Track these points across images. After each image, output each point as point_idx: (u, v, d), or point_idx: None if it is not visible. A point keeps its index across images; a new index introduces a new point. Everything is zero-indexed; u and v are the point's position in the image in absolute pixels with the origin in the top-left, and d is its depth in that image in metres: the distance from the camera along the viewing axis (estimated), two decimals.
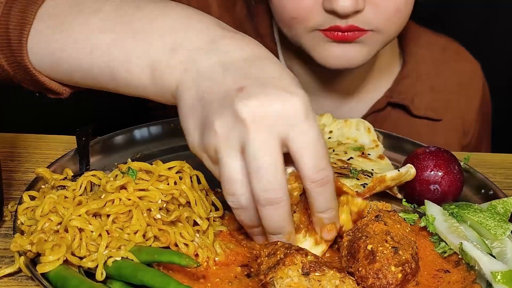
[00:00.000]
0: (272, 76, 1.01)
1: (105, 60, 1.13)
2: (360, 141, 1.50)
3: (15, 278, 1.11)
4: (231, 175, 1.02)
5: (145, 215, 1.12)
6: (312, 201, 1.07)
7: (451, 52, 1.90)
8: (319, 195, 1.05)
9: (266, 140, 0.98)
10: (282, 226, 1.06)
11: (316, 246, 1.15)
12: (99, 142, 1.44)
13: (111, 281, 1.07)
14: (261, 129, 0.97)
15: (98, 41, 1.14)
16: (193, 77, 1.04)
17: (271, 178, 0.99)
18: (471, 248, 1.14)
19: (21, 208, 1.16)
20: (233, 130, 0.99)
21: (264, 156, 0.98)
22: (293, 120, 0.98)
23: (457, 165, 1.32)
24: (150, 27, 1.10)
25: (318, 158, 1.01)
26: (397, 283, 1.07)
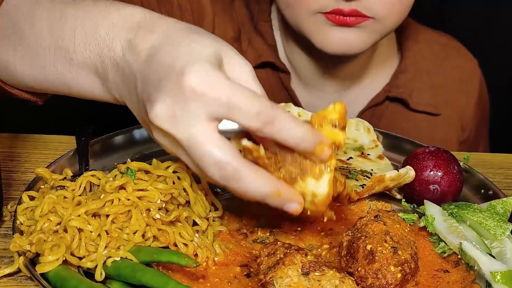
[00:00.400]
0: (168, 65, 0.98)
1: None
2: (359, 141, 1.50)
3: (14, 278, 1.11)
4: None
5: (144, 215, 1.12)
6: (282, 142, 0.98)
7: (450, 49, 1.91)
8: (279, 134, 0.97)
9: (195, 132, 0.96)
10: (258, 193, 0.98)
11: (320, 180, 1.01)
12: (98, 142, 1.44)
13: (110, 281, 1.07)
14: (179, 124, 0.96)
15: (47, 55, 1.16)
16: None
17: (215, 161, 0.96)
18: (471, 248, 1.14)
19: (20, 208, 1.16)
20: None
21: (203, 146, 0.96)
22: (202, 92, 0.94)
23: (456, 165, 1.32)
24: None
25: (245, 107, 0.95)
26: (397, 283, 1.07)
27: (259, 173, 0.99)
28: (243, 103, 0.94)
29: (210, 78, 0.95)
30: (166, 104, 0.96)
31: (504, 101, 2.19)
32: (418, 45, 1.86)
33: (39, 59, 1.18)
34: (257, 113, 0.95)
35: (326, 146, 1.00)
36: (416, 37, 1.87)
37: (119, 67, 1.07)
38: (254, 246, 1.19)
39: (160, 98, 0.96)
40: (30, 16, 1.19)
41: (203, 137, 0.96)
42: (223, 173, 0.96)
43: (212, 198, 1.22)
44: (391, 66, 1.85)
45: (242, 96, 0.95)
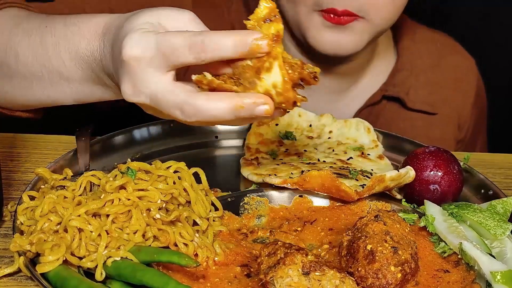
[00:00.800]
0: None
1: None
2: (359, 141, 1.50)
3: (14, 278, 1.11)
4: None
5: (144, 215, 1.12)
6: (222, 59, 1.02)
7: (447, 47, 1.91)
8: (214, 54, 1.01)
9: (151, 91, 1.06)
10: (221, 113, 1.03)
11: (272, 70, 1.02)
12: (99, 142, 1.44)
13: (110, 281, 1.07)
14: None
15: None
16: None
17: (174, 105, 1.05)
18: (471, 248, 1.14)
19: (20, 208, 1.16)
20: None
21: (161, 98, 1.05)
22: (139, 56, 1.04)
23: (456, 165, 1.32)
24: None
25: (175, 47, 1.02)
26: (397, 283, 1.07)
27: (212, 97, 1.03)
28: (172, 45, 1.02)
29: (141, 41, 1.04)
30: (125, 81, 1.07)
31: (504, 101, 2.19)
32: (414, 43, 1.87)
33: (37, 85, 1.30)
34: (187, 46, 1.01)
35: (260, 40, 1.01)
36: (413, 36, 1.87)
37: (105, 68, 1.18)
38: (254, 246, 1.19)
39: (120, 79, 1.08)
40: (10, 47, 1.30)
41: (159, 91, 1.05)
42: (186, 113, 1.04)
43: (212, 198, 1.22)
44: (388, 65, 1.85)
45: (170, 40, 1.02)
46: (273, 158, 1.44)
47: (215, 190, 1.31)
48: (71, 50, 1.23)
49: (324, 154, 1.46)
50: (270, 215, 1.29)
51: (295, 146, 1.49)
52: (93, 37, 1.20)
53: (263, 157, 1.45)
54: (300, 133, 1.53)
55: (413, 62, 1.85)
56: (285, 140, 1.51)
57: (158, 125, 1.53)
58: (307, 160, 1.43)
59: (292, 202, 1.31)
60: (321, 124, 1.54)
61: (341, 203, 1.30)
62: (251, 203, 1.29)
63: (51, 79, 1.27)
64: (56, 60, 1.25)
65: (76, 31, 1.23)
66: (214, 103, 1.03)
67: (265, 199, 1.30)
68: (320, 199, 1.31)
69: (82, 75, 1.24)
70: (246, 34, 1.01)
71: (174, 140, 1.52)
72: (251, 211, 1.28)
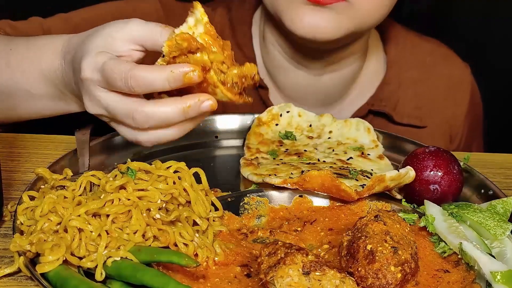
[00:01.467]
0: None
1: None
2: (360, 141, 1.50)
3: (14, 278, 1.11)
4: None
5: (144, 215, 1.12)
6: (157, 91, 1.14)
7: (438, 56, 1.87)
8: (150, 88, 1.11)
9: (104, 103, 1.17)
10: (174, 116, 1.12)
11: (216, 95, 1.12)
12: (99, 142, 1.44)
13: (110, 281, 1.07)
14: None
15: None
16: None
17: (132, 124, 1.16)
18: (471, 248, 1.14)
19: (20, 208, 1.16)
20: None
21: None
22: (90, 78, 1.16)
23: (456, 165, 1.32)
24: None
25: (113, 79, 1.12)
26: (397, 283, 1.07)
27: (160, 103, 1.13)
28: (112, 75, 1.12)
29: (91, 65, 1.15)
30: (85, 97, 1.19)
31: (504, 101, 2.19)
32: (404, 53, 1.82)
33: (7, 102, 1.39)
34: (122, 79, 1.11)
35: (191, 73, 1.09)
36: (402, 45, 1.83)
37: (68, 86, 1.29)
38: (254, 246, 1.19)
39: (82, 95, 1.20)
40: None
41: (109, 104, 1.16)
42: (137, 120, 1.13)
43: (212, 198, 1.22)
44: (377, 77, 1.81)
45: (112, 69, 1.12)
46: (273, 158, 1.44)
47: (215, 190, 1.31)
48: (35, 70, 1.34)
49: (324, 154, 1.46)
50: (270, 215, 1.29)
51: (295, 146, 1.49)
52: (53, 57, 1.31)
53: (263, 157, 1.45)
54: (300, 133, 1.53)
55: (401, 74, 1.81)
56: (285, 140, 1.51)
57: None
58: (307, 160, 1.43)
59: (292, 202, 1.31)
60: (321, 124, 1.54)
61: (341, 203, 1.30)
62: (251, 203, 1.29)
63: (20, 97, 1.37)
64: (22, 80, 1.35)
65: (38, 53, 1.34)
66: (163, 108, 1.12)
67: (265, 199, 1.30)
68: (320, 199, 1.31)
69: (47, 92, 1.34)
70: (177, 68, 1.10)
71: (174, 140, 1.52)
72: (251, 211, 1.28)
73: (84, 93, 1.19)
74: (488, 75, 1.98)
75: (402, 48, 1.82)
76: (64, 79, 1.30)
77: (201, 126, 1.55)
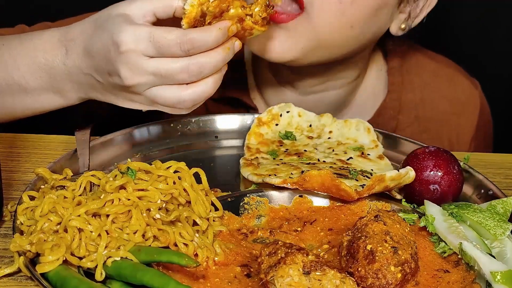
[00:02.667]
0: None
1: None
2: (359, 141, 1.50)
3: (14, 278, 1.11)
4: None
5: (144, 215, 1.12)
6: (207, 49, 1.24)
7: (443, 78, 1.81)
8: (202, 49, 1.22)
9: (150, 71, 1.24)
10: (218, 63, 1.24)
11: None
12: (99, 142, 1.44)
13: (110, 281, 1.07)
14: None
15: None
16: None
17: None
18: (471, 248, 1.14)
19: (20, 208, 1.16)
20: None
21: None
22: (132, 49, 1.22)
23: (456, 165, 1.32)
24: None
25: (168, 45, 1.21)
26: (397, 283, 1.07)
27: (209, 52, 1.24)
28: (167, 41, 1.20)
29: (132, 38, 1.21)
30: (123, 69, 1.23)
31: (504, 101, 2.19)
32: (407, 75, 1.77)
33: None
34: (179, 44, 1.20)
35: (233, 26, 1.25)
36: (408, 67, 1.77)
37: (72, 74, 1.31)
38: (254, 246, 1.19)
39: (117, 68, 1.23)
40: None
41: (161, 67, 1.22)
42: (192, 72, 1.22)
43: (212, 198, 1.22)
44: (377, 100, 1.77)
45: (165, 37, 1.21)
46: (273, 158, 1.44)
47: (215, 190, 1.31)
48: (29, 63, 1.35)
49: (324, 154, 1.46)
50: (270, 215, 1.29)
51: (295, 146, 1.49)
52: (50, 48, 1.33)
53: (263, 157, 1.45)
54: (300, 133, 1.53)
55: (402, 97, 1.76)
56: (285, 140, 1.51)
57: (158, 125, 1.53)
58: (307, 160, 1.43)
59: (292, 202, 1.31)
60: (321, 124, 1.54)
61: (341, 203, 1.30)
62: (251, 203, 1.29)
63: (12, 91, 1.38)
64: (16, 74, 1.36)
65: (32, 45, 1.35)
66: (213, 53, 1.23)
67: (265, 199, 1.30)
68: (320, 199, 1.31)
69: (41, 85, 1.35)
70: (222, 25, 1.23)
71: (174, 140, 1.52)
72: (251, 211, 1.28)
73: (123, 66, 1.23)
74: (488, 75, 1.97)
75: (406, 70, 1.78)
76: (66, 67, 1.31)
77: (201, 126, 1.55)
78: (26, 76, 1.36)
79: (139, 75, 1.23)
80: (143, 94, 1.26)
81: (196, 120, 1.56)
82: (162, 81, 1.24)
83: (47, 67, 1.33)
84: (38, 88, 1.36)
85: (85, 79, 1.31)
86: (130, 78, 1.23)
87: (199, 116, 1.57)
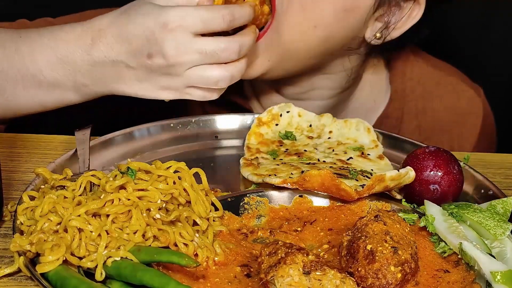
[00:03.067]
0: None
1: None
2: (359, 141, 1.50)
3: (14, 278, 1.11)
4: None
5: (144, 215, 1.12)
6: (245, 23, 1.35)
7: (445, 87, 1.79)
8: (239, 21, 1.33)
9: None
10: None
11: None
12: (99, 142, 1.44)
13: (110, 281, 1.07)
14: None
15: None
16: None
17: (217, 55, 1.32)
18: (471, 248, 1.14)
19: (20, 208, 1.16)
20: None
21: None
22: (181, 25, 1.29)
23: (456, 165, 1.32)
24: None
25: (214, 19, 1.30)
26: (397, 283, 1.07)
27: (243, 32, 1.36)
28: (212, 22, 1.29)
29: (176, 18, 1.28)
30: (169, 47, 1.28)
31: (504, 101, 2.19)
32: (408, 83, 1.75)
33: (9, 91, 1.39)
34: (222, 16, 1.29)
35: (255, 6, 1.39)
36: (410, 76, 1.75)
37: (96, 64, 1.33)
38: (254, 246, 1.19)
39: (163, 48, 1.28)
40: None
41: (207, 45, 1.30)
42: (231, 53, 1.31)
43: (212, 198, 1.22)
44: (376, 108, 1.76)
45: (209, 16, 1.29)
46: (273, 158, 1.44)
47: (215, 190, 1.31)
48: (49, 55, 1.35)
49: (324, 154, 1.46)
50: (270, 215, 1.29)
51: (295, 146, 1.49)
52: (74, 38, 1.34)
53: (263, 157, 1.45)
54: (300, 133, 1.53)
55: (404, 106, 1.75)
56: (285, 140, 1.51)
57: (158, 125, 1.53)
58: (307, 160, 1.43)
59: (292, 202, 1.31)
60: (321, 124, 1.54)
61: (341, 203, 1.30)
62: (251, 203, 1.29)
63: (25, 84, 1.37)
64: (32, 66, 1.36)
65: (53, 37, 1.36)
66: (248, 31, 1.36)
67: (265, 199, 1.30)
68: (320, 199, 1.31)
69: (57, 79, 1.36)
70: (251, 4, 1.35)
71: (174, 140, 1.52)
72: (251, 211, 1.28)
73: (170, 44, 1.28)
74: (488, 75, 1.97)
75: (408, 79, 1.76)
76: (90, 57, 1.32)
77: (201, 126, 1.55)
78: (44, 69, 1.36)
79: (184, 53, 1.28)
80: (183, 75, 1.30)
81: (196, 120, 1.56)
82: (206, 60, 1.29)
83: (69, 59, 1.34)
84: (54, 83, 1.36)
85: (112, 70, 1.33)
86: (176, 56, 1.28)
87: (199, 116, 1.57)
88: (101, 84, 1.36)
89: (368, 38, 1.55)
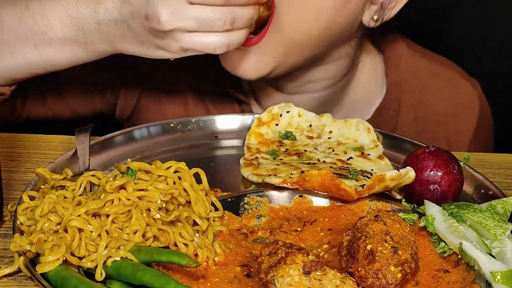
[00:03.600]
0: None
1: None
2: (359, 141, 1.50)
3: (14, 278, 1.11)
4: None
5: (144, 215, 1.12)
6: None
7: (442, 80, 1.80)
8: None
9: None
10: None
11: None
12: (99, 142, 1.44)
13: (110, 281, 1.07)
14: None
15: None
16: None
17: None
18: (471, 248, 1.14)
19: (20, 208, 1.16)
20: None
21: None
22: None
23: (457, 165, 1.32)
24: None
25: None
26: (397, 283, 1.07)
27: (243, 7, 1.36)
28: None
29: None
30: (164, 13, 1.29)
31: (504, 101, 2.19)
32: (405, 75, 1.76)
33: (19, 49, 1.40)
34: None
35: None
36: (405, 66, 1.76)
37: (102, 23, 1.36)
38: (254, 246, 1.19)
39: (158, 12, 1.29)
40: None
41: (203, 13, 1.31)
42: (225, 23, 1.32)
43: (212, 198, 1.22)
44: (372, 99, 1.77)
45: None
46: (273, 158, 1.44)
47: (215, 190, 1.31)
48: (59, 12, 1.38)
49: (324, 154, 1.46)
50: (270, 215, 1.29)
51: (295, 146, 1.49)
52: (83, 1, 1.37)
53: (263, 157, 1.45)
54: (300, 133, 1.53)
55: (401, 97, 1.75)
56: (285, 140, 1.51)
57: (158, 125, 1.53)
58: (307, 160, 1.43)
59: (292, 202, 1.31)
60: (321, 124, 1.54)
61: (341, 203, 1.30)
62: (251, 203, 1.29)
63: (35, 41, 1.40)
64: (42, 23, 1.39)
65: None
66: (247, 9, 1.35)
67: (265, 199, 1.30)
68: (320, 199, 1.31)
69: (66, 35, 1.39)
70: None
71: (174, 140, 1.52)
72: (251, 211, 1.28)
73: (165, 9, 1.28)
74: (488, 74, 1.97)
75: (404, 71, 1.76)
76: (96, 15, 1.35)
77: (201, 126, 1.55)
78: (54, 25, 1.38)
79: (179, 19, 1.29)
80: (179, 40, 1.32)
81: (196, 120, 1.56)
82: (200, 27, 1.30)
83: (78, 16, 1.37)
84: (63, 39, 1.39)
85: (116, 29, 1.36)
86: (169, 22, 1.29)
87: (199, 116, 1.57)
88: (108, 42, 1.39)
89: (366, 22, 1.57)
